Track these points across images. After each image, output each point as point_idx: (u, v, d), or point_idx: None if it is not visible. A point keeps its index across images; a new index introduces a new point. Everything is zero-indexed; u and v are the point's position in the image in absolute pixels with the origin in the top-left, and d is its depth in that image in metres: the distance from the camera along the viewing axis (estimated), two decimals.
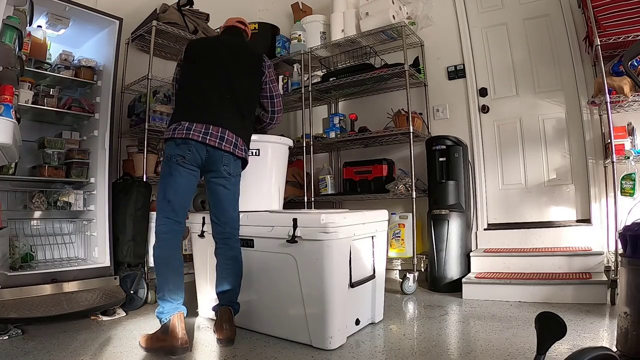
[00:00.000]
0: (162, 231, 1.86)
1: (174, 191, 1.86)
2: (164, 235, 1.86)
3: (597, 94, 2.52)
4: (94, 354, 1.72)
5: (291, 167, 3.37)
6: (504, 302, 2.42)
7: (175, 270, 1.83)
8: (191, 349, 1.79)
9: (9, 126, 1.65)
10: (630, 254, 1.49)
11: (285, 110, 4.10)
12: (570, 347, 1.64)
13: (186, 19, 3.08)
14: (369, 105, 3.65)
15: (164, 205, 1.87)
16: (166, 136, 1.91)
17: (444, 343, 1.83)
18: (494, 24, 3.23)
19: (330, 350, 1.73)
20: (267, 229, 1.92)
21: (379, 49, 3.46)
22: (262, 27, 3.83)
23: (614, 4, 2.36)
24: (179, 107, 2.02)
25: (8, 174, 2.31)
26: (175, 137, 1.85)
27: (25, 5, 1.78)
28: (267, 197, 2.29)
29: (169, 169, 1.87)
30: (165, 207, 1.87)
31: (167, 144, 1.90)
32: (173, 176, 1.86)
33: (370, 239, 2.07)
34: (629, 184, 2.46)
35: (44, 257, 2.50)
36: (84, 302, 2.16)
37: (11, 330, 1.91)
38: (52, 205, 2.51)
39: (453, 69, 3.32)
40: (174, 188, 1.86)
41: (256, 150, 2.22)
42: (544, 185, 3.03)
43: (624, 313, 1.46)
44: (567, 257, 2.56)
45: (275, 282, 1.92)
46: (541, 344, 0.92)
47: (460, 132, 3.17)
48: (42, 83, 2.46)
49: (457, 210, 2.85)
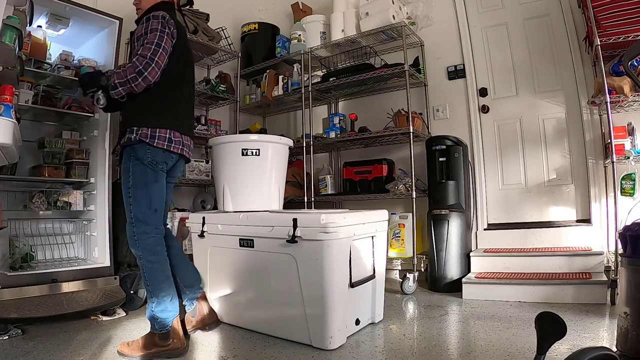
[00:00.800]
0: (156, 243, 1.79)
1: (161, 199, 1.82)
2: (159, 248, 1.80)
3: (597, 94, 2.52)
4: (94, 354, 1.72)
5: (291, 167, 3.37)
6: (504, 302, 2.42)
7: (171, 279, 1.84)
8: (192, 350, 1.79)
9: (9, 126, 1.65)
10: (630, 254, 1.49)
11: (285, 110, 4.12)
12: (570, 347, 1.64)
13: (186, 19, 3.07)
14: (369, 105, 3.65)
15: (151, 215, 1.77)
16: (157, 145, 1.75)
17: (444, 343, 1.83)
18: (494, 24, 3.23)
19: (330, 350, 1.73)
20: (267, 229, 1.92)
21: (379, 49, 3.46)
22: (262, 27, 3.84)
23: (614, 4, 2.37)
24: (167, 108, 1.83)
25: (8, 174, 2.30)
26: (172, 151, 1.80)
27: (25, 5, 1.78)
28: (267, 197, 2.29)
29: (155, 176, 1.78)
30: (153, 217, 1.78)
31: (151, 149, 1.75)
32: (159, 183, 1.80)
33: (370, 239, 2.07)
34: (629, 184, 2.46)
35: (44, 257, 2.50)
36: (84, 302, 2.16)
37: (11, 330, 1.91)
38: (52, 205, 2.51)
39: (453, 69, 3.32)
40: (160, 196, 1.81)
41: (256, 150, 2.22)
42: (544, 185, 3.03)
43: (624, 313, 1.46)
44: (567, 257, 2.56)
45: (275, 282, 1.92)
46: (541, 344, 0.92)
47: (460, 132, 3.17)
48: (42, 83, 2.46)
49: (457, 210, 2.85)
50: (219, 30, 3.42)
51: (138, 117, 1.78)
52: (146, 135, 1.74)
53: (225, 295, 2.14)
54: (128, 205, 1.77)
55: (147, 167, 1.76)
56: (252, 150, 2.21)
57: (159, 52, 1.71)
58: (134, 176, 1.76)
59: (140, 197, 1.76)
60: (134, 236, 1.75)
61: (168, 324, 1.74)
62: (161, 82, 1.76)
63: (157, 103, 1.80)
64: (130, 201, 1.76)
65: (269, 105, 3.91)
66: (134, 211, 1.75)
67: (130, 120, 1.79)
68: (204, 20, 3.29)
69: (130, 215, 1.76)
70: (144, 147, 1.75)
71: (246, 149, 2.22)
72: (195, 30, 3.16)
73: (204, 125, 3.32)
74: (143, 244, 1.75)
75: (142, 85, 1.69)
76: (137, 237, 1.75)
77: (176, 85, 1.86)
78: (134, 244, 1.76)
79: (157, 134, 1.76)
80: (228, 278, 2.13)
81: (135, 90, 1.70)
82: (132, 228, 1.75)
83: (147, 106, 1.79)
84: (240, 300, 2.09)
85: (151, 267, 1.75)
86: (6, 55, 1.64)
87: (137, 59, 1.69)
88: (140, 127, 1.75)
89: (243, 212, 2.14)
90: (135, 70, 1.66)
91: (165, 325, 1.73)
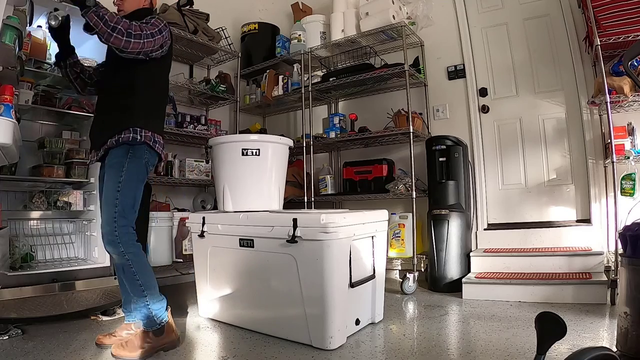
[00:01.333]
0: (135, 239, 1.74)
1: (139, 202, 1.78)
2: (138, 243, 1.75)
3: (597, 94, 2.52)
4: (94, 354, 1.72)
5: (291, 167, 3.37)
6: (504, 302, 2.42)
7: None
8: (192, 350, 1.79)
9: (9, 126, 1.64)
10: (630, 254, 1.49)
11: (285, 110, 4.12)
12: (570, 347, 1.64)
13: (186, 19, 3.09)
14: (369, 105, 3.65)
15: (131, 213, 1.73)
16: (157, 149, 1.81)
17: (444, 343, 1.83)
18: (494, 24, 3.23)
19: (330, 350, 1.73)
20: (267, 229, 1.92)
21: (379, 49, 3.46)
22: (262, 27, 3.84)
23: (614, 4, 2.36)
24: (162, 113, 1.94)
25: (8, 174, 2.31)
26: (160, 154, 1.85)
27: (25, 5, 1.78)
28: (267, 197, 2.29)
29: (145, 176, 1.80)
30: (132, 216, 1.73)
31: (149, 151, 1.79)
32: (142, 183, 1.79)
33: (370, 239, 2.07)
34: (629, 184, 2.46)
35: (44, 257, 2.50)
36: (84, 302, 2.17)
37: (11, 330, 1.91)
38: (52, 205, 2.51)
39: (453, 69, 3.32)
40: (140, 199, 1.78)
41: (256, 150, 2.22)
42: (544, 185, 3.03)
43: (624, 313, 1.47)
44: (567, 257, 2.56)
45: (275, 282, 1.92)
46: (541, 344, 0.92)
47: (460, 132, 3.17)
48: (42, 83, 2.46)
49: (457, 210, 2.85)
50: (219, 30, 3.42)
51: (144, 118, 1.78)
52: (150, 139, 1.77)
53: (225, 295, 2.14)
54: (114, 199, 1.68)
55: (143, 166, 1.77)
56: (252, 150, 2.21)
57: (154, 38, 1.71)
58: (128, 173, 1.71)
59: (128, 194, 1.71)
60: (114, 231, 1.66)
61: (165, 316, 1.73)
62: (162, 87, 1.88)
63: (159, 108, 1.86)
64: (117, 195, 1.68)
65: (269, 105, 3.91)
66: (120, 206, 1.68)
67: (131, 119, 1.75)
68: (204, 20, 3.29)
69: (115, 211, 1.67)
70: (143, 147, 1.76)
71: (246, 149, 2.22)
72: (195, 30, 3.16)
73: (204, 125, 3.32)
74: (125, 238, 1.68)
75: (118, 43, 1.61)
76: (117, 232, 1.66)
77: (167, 92, 1.95)
78: (113, 240, 1.67)
79: (156, 138, 1.81)
80: (228, 278, 2.13)
81: (108, 40, 1.61)
82: (114, 223, 1.67)
83: (152, 109, 1.83)
84: (240, 300, 2.08)
85: (138, 260, 1.70)
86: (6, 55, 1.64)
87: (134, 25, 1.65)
88: (143, 129, 1.76)
89: (243, 212, 2.14)
90: (126, 28, 1.61)
91: (163, 319, 1.72)
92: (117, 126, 1.74)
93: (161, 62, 1.86)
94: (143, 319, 1.71)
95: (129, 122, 1.75)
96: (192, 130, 3.20)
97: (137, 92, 1.78)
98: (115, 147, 1.74)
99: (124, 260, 1.68)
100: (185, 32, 3.07)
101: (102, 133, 1.78)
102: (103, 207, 1.74)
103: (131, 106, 1.78)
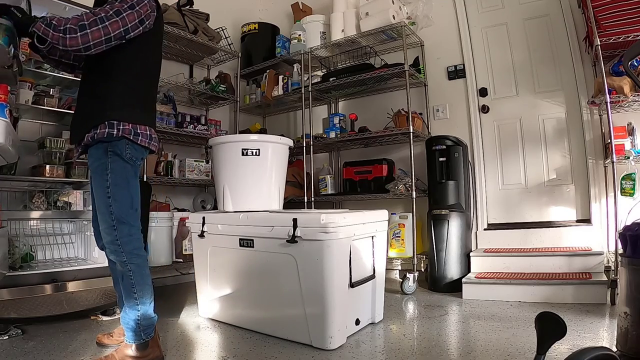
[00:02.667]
0: (140, 245, 1.62)
1: (139, 197, 1.64)
2: (143, 249, 1.63)
3: (597, 94, 2.52)
4: (94, 354, 1.72)
5: (291, 167, 3.37)
6: (504, 302, 2.42)
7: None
8: (192, 350, 1.79)
9: (2, 125, 1.62)
10: (630, 254, 1.49)
11: (285, 110, 4.12)
12: (570, 347, 1.64)
13: (186, 18, 3.09)
14: (369, 105, 3.65)
15: (133, 215, 1.60)
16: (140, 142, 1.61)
17: (444, 343, 1.83)
18: (494, 24, 3.23)
19: (330, 350, 1.73)
20: (267, 229, 1.92)
21: (379, 49, 3.46)
22: (262, 27, 3.84)
23: (614, 4, 2.37)
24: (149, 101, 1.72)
25: (8, 174, 2.30)
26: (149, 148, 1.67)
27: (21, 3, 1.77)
28: (267, 197, 2.29)
29: (134, 172, 1.63)
30: (135, 217, 1.60)
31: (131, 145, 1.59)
32: (136, 179, 1.64)
33: (370, 239, 2.07)
34: (629, 184, 2.46)
35: (43, 257, 2.50)
36: (84, 302, 2.16)
37: (11, 330, 1.91)
38: (52, 205, 2.51)
39: (453, 69, 3.32)
40: (138, 194, 1.64)
41: (256, 150, 2.22)
42: (544, 185, 3.03)
43: (624, 313, 1.46)
44: (567, 257, 2.56)
45: (275, 282, 1.92)
46: (541, 344, 0.92)
47: (460, 132, 3.17)
48: (42, 83, 2.46)
49: (457, 210, 2.85)
50: (219, 30, 3.42)
51: (120, 109, 1.57)
52: (129, 132, 1.57)
53: (225, 295, 2.14)
54: (107, 207, 1.55)
55: (127, 163, 1.58)
56: (252, 150, 2.21)
57: (122, 15, 1.48)
58: (114, 174, 1.56)
59: (121, 197, 1.56)
60: (116, 241, 1.55)
61: (151, 332, 1.60)
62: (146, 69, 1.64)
63: (142, 94, 1.64)
64: (109, 202, 1.55)
65: (269, 105, 3.91)
66: (116, 213, 1.55)
67: (105, 111, 1.56)
68: (204, 20, 3.29)
69: (112, 218, 1.55)
70: (122, 142, 1.57)
71: (246, 149, 2.22)
72: (195, 30, 3.16)
73: (204, 125, 3.32)
74: (128, 248, 1.57)
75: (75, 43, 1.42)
76: (120, 242, 1.55)
77: (156, 77, 1.74)
78: (116, 249, 1.56)
79: (138, 130, 1.60)
80: (228, 278, 2.13)
81: (65, 45, 1.42)
82: (114, 232, 1.55)
83: (131, 96, 1.61)
84: (240, 300, 2.08)
85: (139, 271, 1.59)
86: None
87: (85, 14, 1.46)
88: (121, 121, 1.56)
89: (243, 212, 2.14)
90: (76, 22, 1.42)
91: (150, 333, 1.60)
92: (92, 119, 1.56)
93: (143, 40, 1.60)
94: (129, 330, 1.59)
95: (103, 114, 1.56)
96: (192, 130, 3.20)
97: (113, 76, 1.57)
98: (92, 146, 1.59)
99: (125, 269, 1.58)
100: (185, 32, 3.07)
101: (79, 126, 1.62)
102: (98, 215, 1.60)
103: (106, 94, 1.57)
